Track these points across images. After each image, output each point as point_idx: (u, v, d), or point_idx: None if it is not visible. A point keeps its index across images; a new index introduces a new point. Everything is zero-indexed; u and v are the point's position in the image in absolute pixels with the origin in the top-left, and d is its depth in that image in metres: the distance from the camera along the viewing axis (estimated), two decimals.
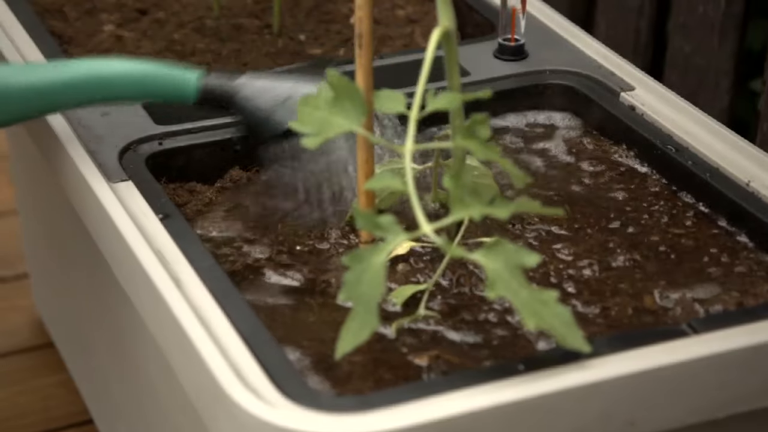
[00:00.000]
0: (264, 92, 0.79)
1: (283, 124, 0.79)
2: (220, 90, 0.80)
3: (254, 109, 0.79)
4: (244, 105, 0.80)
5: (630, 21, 1.24)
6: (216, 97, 0.81)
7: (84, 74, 0.82)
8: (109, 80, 0.82)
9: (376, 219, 0.66)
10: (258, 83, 0.80)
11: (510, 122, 0.93)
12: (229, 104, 0.81)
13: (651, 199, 0.83)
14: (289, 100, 0.79)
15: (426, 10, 1.09)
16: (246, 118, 0.80)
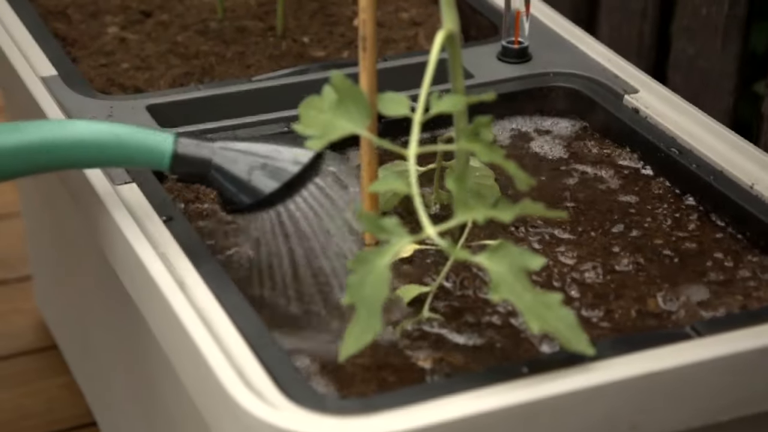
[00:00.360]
0: (241, 157, 0.75)
1: (262, 191, 0.74)
2: (195, 157, 0.75)
3: (230, 176, 0.75)
4: (220, 172, 0.75)
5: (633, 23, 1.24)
6: (188, 166, 0.75)
7: (45, 139, 0.75)
8: (73, 145, 0.75)
9: (380, 222, 0.66)
10: (234, 147, 0.75)
11: (513, 125, 0.93)
12: (204, 171, 0.75)
13: (654, 201, 0.83)
14: (268, 166, 0.74)
15: (429, 13, 1.09)
16: (221, 187, 0.75)
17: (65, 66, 0.94)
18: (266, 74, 0.95)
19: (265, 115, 0.90)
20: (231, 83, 0.94)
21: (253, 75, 0.98)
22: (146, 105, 0.90)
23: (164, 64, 1.01)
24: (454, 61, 0.71)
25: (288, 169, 0.74)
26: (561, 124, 0.93)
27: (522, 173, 0.68)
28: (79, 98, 0.90)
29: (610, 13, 1.27)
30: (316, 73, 0.95)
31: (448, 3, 0.70)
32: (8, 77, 0.95)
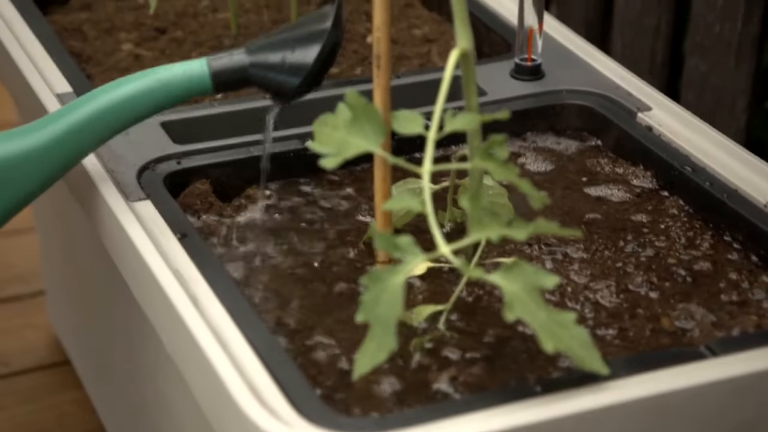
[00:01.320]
0: (269, 51, 0.80)
1: (306, 63, 0.79)
2: (231, 68, 0.80)
3: (268, 70, 0.80)
4: (259, 72, 0.80)
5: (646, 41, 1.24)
6: (231, 77, 0.80)
7: (103, 106, 0.80)
8: (129, 104, 0.80)
9: (395, 240, 0.66)
10: (260, 44, 0.80)
11: (527, 142, 0.93)
12: (244, 75, 0.80)
13: (668, 220, 0.83)
14: (297, 42, 0.79)
15: (442, 30, 1.09)
16: (267, 82, 0.80)
17: (80, 82, 0.94)
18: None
19: (279, 132, 0.90)
20: (244, 100, 0.94)
21: None
22: (160, 122, 0.90)
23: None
24: (468, 79, 0.71)
25: (318, 33, 0.79)
26: (574, 142, 0.93)
27: (536, 191, 0.68)
28: None
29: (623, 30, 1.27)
30: (330, 89, 0.95)
31: (462, 21, 0.70)
32: (24, 94, 0.96)
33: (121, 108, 0.80)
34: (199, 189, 0.86)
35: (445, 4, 1.11)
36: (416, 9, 1.12)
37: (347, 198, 0.87)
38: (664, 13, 1.22)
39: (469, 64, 0.71)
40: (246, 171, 0.88)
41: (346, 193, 0.88)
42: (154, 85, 0.80)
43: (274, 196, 0.87)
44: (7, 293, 1.33)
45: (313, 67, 0.80)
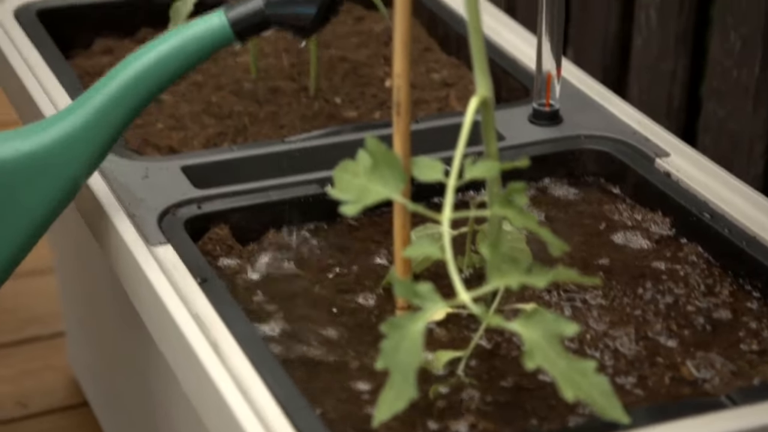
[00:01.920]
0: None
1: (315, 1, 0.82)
2: (248, 13, 0.83)
3: (285, 5, 0.83)
4: (276, 7, 0.83)
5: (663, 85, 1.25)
6: (249, 22, 0.83)
7: (129, 80, 0.82)
8: (156, 71, 0.82)
9: (415, 287, 0.67)
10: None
11: (545, 187, 0.93)
12: (264, 20, 0.83)
13: (687, 267, 0.83)
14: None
15: (461, 74, 1.10)
16: (285, 19, 0.83)
17: None
18: (299, 135, 0.96)
19: (298, 176, 0.91)
20: (264, 144, 0.95)
21: (285, 135, 0.99)
22: (181, 166, 0.91)
23: (198, 124, 1.02)
24: (488, 126, 0.72)
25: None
26: (592, 187, 0.93)
27: (555, 239, 0.68)
28: (116, 159, 0.91)
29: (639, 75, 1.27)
30: (349, 134, 0.96)
31: (482, 69, 0.71)
32: None
33: (151, 73, 0.82)
34: (219, 233, 0.87)
35: (463, 49, 1.12)
36: (435, 53, 1.13)
37: (366, 242, 0.87)
38: (681, 58, 1.23)
39: (488, 111, 0.71)
40: (265, 215, 0.88)
41: (365, 237, 0.88)
42: (179, 45, 0.82)
43: (294, 240, 0.87)
44: (27, 334, 1.33)
45: None
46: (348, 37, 1.15)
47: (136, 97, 0.82)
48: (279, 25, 0.84)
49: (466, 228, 0.81)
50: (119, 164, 0.90)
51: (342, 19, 1.18)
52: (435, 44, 1.14)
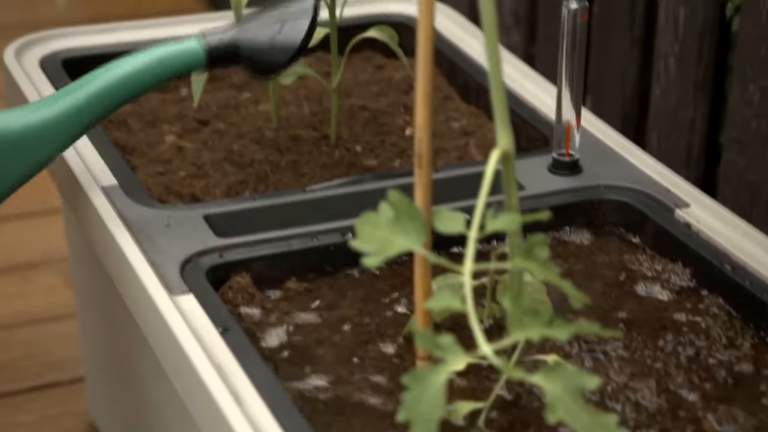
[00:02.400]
0: (260, 30, 0.89)
1: (288, 49, 0.90)
2: (224, 46, 0.89)
3: (258, 48, 0.89)
4: (250, 49, 0.89)
5: (682, 134, 1.25)
6: (222, 54, 0.89)
7: (106, 84, 0.89)
8: (131, 80, 0.89)
9: (436, 339, 0.67)
10: (251, 26, 0.90)
11: (565, 237, 0.93)
12: (236, 55, 0.89)
13: (708, 319, 0.83)
14: (284, 28, 0.90)
15: (480, 123, 1.10)
16: (255, 59, 0.89)
17: (125, 175, 0.96)
18: (320, 184, 0.97)
19: (319, 225, 0.91)
20: (285, 193, 0.95)
21: (306, 184, 1.00)
22: (203, 215, 0.92)
23: (220, 172, 1.03)
24: (509, 179, 0.72)
25: (304, 18, 0.90)
26: (612, 237, 0.93)
27: (576, 291, 0.68)
28: (138, 208, 0.92)
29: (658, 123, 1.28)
30: (370, 183, 0.97)
31: (503, 122, 0.71)
32: (70, 187, 0.97)
33: (124, 82, 0.89)
34: (240, 282, 0.87)
35: (482, 98, 1.12)
36: (454, 102, 1.14)
37: (386, 291, 0.88)
38: (700, 107, 1.23)
39: (509, 164, 0.72)
40: (286, 264, 0.89)
41: (386, 286, 0.88)
42: (155, 59, 0.89)
43: (314, 289, 0.88)
44: (47, 380, 1.34)
45: (300, 45, 0.90)
46: (368, 85, 1.16)
47: (108, 101, 0.89)
48: (246, 64, 0.90)
49: (486, 278, 0.81)
50: (142, 213, 0.91)
51: (362, 67, 1.19)
52: (455, 93, 1.15)
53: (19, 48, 1.11)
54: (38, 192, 1.59)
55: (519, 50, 1.49)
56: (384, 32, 1.06)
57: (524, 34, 1.49)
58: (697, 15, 1.21)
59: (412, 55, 1.16)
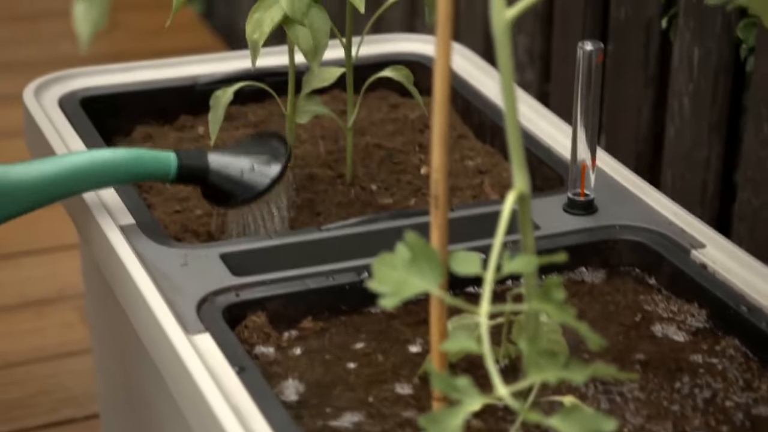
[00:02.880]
0: (230, 164, 0.96)
1: (253, 188, 0.96)
2: (195, 167, 0.96)
3: (226, 179, 0.96)
4: (217, 177, 0.96)
5: (697, 173, 1.25)
6: (192, 174, 0.96)
7: (78, 165, 0.93)
8: (101, 168, 0.94)
9: (453, 381, 0.67)
10: (224, 159, 0.96)
11: (580, 277, 0.93)
12: (202, 179, 0.96)
13: (725, 361, 0.83)
14: (253, 169, 0.96)
15: (495, 162, 1.11)
16: (219, 188, 0.96)
17: (142, 214, 0.96)
18: (336, 223, 0.97)
19: (335, 264, 0.92)
20: (301, 232, 0.96)
21: (322, 222, 1.00)
22: (219, 253, 0.92)
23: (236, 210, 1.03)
24: (525, 220, 0.73)
25: (271, 169, 0.96)
26: (627, 278, 0.93)
27: (593, 334, 0.68)
28: (155, 247, 0.92)
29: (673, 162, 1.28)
30: (386, 222, 0.97)
31: (519, 163, 0.72)
32: (87, 225, 0.98)
33: (98, 167, 0.93)
34: (256, 321, 0.87)
35: (497, 136, 1.13)
36: (469, 140, 1.14)
37: (402, 330, 0.88)
38: (715, 147, 1.23)
39: (525, 206, 0.72)
40: (302, 303, 0.89)
41: (401, 325, 0.88)
42: (131, 156, 0.94)
43: (329, 328, 0.88)
44: (62, 416, 1.34)
45: (265, 189, 0.96)
46: (383, 124, 1.16)
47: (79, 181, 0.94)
48: (209, 189, 0.97)
49: (502, 318, 0.82)
50: (159, 251, 0.92)
51: (377, 106, 1.19)
52: (469, 132, 1.15)
53: (39, 87, 1.12)
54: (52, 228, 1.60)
55: (533, 88, 1.50)
56: (399, 72, 1.06)
57: (538, 73, 1.49)
58: (711, 55, 1.21)
59: (427, 93, 1.17)
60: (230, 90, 1.04)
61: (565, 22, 1.41)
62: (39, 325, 1.46)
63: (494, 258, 0.70)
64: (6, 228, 1.63)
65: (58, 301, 1.50)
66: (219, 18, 2.24)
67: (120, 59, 1.21)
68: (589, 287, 0.92)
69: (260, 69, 1.10)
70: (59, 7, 2.24)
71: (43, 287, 1.53)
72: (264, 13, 0.98)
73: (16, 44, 2.13)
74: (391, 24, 1.73)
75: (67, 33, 2.10)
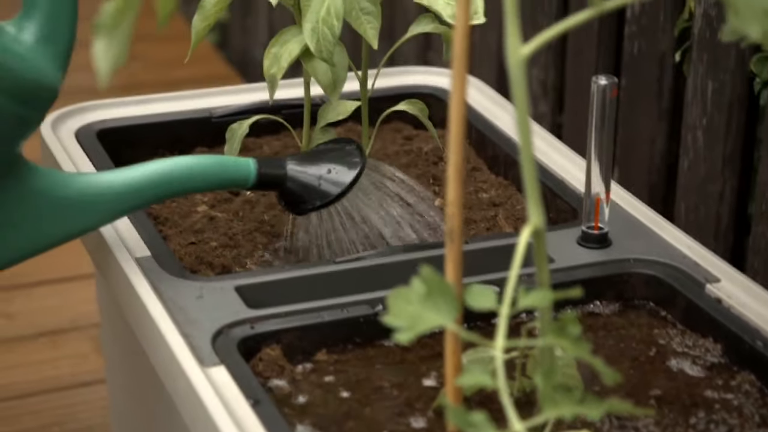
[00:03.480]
0: (306, 172, 0.97)
1: (326, 195, 0.97)
2: (274, 175, 0.96)
3: (302, 187, 0.97)
4: (294, 184, 0.97)
5: (711, 206, 1.25)
6: (270, 181, 0.97)
7: (162, 172, 0.94)
8: (184, 175, 0.94)
9: (468, 416, 0.67)
10: (300, 167, 0.97)
11: (595, 311, 0.93)
12: (281, 186, 0.97)
13: (740, 396, 0.83)
14: (327, 176, 0.97)
15: (509, 194, 1.11)
16: (295, 195, 0.97)
17: (158, 247, 0.97)
18: (350, 255, 0.97)
19: (349, 297, 0.92)
20: (315, 264, 0.96)
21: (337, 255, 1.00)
22: (235, 286, 0.92)
23: (251, 242, 1.03)
24: (540, 255, 0.73)
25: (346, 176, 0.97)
26: (642, 311, 0.93)
27: (608, 369, 0.68)
28: (171, 279, 0.93)
29: (687, 195, 1.28)
30: (400, 255, 0.97)
31: (534, 198, 0.72)
32: (103, 257, 0.98)
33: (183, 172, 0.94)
34: (270, 354, 0.87)
35: (511, 169, 1.13)
36: (483, 173, 1.15)
37: (416, 363, 0.88)
38: (729, 180, 1.23)
39: (540, 241, 0.72)
40: (317, 335, 0.89)
41: (415, 358, 0.88)
42: (213, 161, 0.95)
43: (344, 361, 0.88)
44: None
45: (334, 198, 0.97)
46: (398, 156, 1.17)
47: (164, 186, 0.94)
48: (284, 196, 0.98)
49: (516, 352, 0.82)
50: (174, 284, 0.92)
51: (392, 138, 1.20)
52: (483, 164, 1.16)
53: (56, 119, 1.13)
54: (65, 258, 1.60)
55: (546, 119, 1.50)
56: (414, 105, 1.07)
57: (552, 104, 1.50)
58: (725, 88, 1.21)
59: (441, 125, 1.18)
60: (246, 123, 1.04)
61: (579, 55, 1.41)
62: (53, 355, 1.46)
63: (509, 293, 0.70)
64: None
65: (72, 331, 1.50)
66: (234, 48, 2.25)
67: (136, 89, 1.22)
68: (603, 321, 0.92)
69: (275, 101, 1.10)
70: None
71: (57, 317, 1.53)
72: (281, 48, 0.98)
73: None
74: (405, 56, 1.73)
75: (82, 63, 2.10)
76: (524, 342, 0.73)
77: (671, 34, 1.29)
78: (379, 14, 0.97)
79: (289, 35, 0.99)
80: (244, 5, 2.14)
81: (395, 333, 0.71)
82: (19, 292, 1.57)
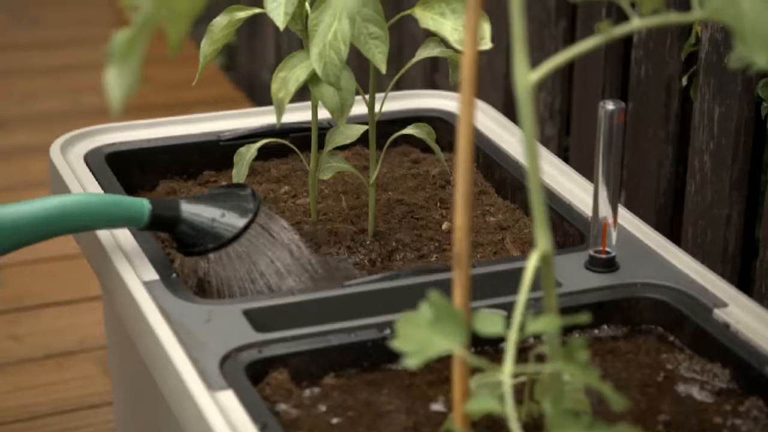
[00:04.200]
0: (199, 215, 0.98)
1: (218, 239, 0.98)
2: (167, 216, 0.98)
3: (193, 229, 0.98)
4: (186, 227, 0.98)
5: (718, 230, 1.25)
6: (164, 222, 0.98)
7: (59, 207, 0.95)
8: (79, 212, 0.96)
9: None
10: (193, 209, 0.99)
11: (602, 335, 0.93)
12: (172, 227, 0.98)
13: (749, 422, 0.82)
14: (219, 220, 0.98)
15: (516, 218, 1.11)
16: (187, 237, 0.98)
17: (166, 270, 0.97)
18: (358, 279, 0.97)
19: (357, 321, 0.92)
20: (323, 288, 0.96)
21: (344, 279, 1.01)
22: (242, 309, 0.92)
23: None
24: (548, 281, 0.73)
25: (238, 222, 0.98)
26: (650, 336, 0.93)
27: (617, 395, 0.68)
28: (179, 303, 0.93)
29: (694, 219, 1.28)
30: (407, 278, 0.97)
31: (542, 224, 0.72)
32: (111, 280, 0.99)
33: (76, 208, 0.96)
34: (278, 378, 0.87)
35: (518, 193, 1.13)
36: (490, 196, 1.15)
37: (424, 387, 0.88)
38: (736, 204, 1.23)
39: (549, 267, 0.72)
40: (324, 360, 0.89)
41: (423, 382, 0.88)
42: (108, 200, 0.97)
43: (352, 385, 0.88)
44: None
45: (226, 242, 0.98)
46: (405, 180, 1.17)
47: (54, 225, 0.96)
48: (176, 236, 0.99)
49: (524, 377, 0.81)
50: (183, 308, 0.92)
51: (399, 161, 1.20)
52: (491, 188, 1.16)
53: (65, 143, 1.13)
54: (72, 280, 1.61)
55: (553, 142, 1.50)
56: (422, 129, 1.07)
57: (558, 127, 1.50)
58: (732, 113, 1.22)
59: (449, 149, 1.18)
60: (254, 147, 1.05)
61: (586, 79, 1.42)
62: (60, 377, 1.46)
63: (517, 319, 0.70)
64: (27, 280, 1.64)
65: (80, 353, 1.50)
66: (241, 70, 2.26)
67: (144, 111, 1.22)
68: (611, 345, 0.92)
69: (283, 125, 1.11)
70: (82, 60, 2.27)
71: (64, 339, 1.53)
72: (289, 73, 0.99)
73: (40, 97, 2.15)
74: (412, 78, 1.74)
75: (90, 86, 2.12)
76: (532, 368, 0.73)
77: (678, 58, 1.29)
78: (387, 39, 0.98)
79: (297, 60, 0.99)
80: (252, 29, 2.14)
81: (404, 358, 0.71)
82: (26, 314, 1.58)
